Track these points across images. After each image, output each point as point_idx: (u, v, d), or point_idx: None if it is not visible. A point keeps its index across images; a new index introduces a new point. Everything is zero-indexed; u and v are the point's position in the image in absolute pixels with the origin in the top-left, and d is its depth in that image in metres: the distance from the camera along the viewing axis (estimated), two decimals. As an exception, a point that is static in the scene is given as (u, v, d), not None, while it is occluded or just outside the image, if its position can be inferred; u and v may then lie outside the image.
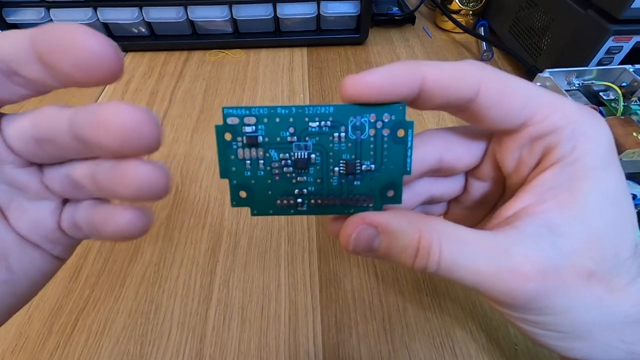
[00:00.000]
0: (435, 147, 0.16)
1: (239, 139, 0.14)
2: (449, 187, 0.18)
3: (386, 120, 0.14)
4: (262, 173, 0.15)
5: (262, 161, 0.15)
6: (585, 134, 0.13)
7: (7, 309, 0.14)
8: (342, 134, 0.14)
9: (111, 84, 0.11)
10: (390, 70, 0.13)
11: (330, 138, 0.14)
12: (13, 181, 0.13)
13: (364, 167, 0.15)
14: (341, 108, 0.14)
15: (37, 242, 0.14)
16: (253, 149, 0.15)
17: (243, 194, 0.15)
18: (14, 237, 0.14)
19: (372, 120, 0.14)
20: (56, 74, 0.11)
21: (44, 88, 0.12)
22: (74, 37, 0.10)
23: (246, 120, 0.14)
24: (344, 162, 0.15)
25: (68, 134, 0.12)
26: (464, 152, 0.16)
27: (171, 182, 0.13)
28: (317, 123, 0.14)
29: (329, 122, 0.14)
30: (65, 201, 0.15)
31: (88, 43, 0.10)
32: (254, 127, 0.14)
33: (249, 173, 0.15)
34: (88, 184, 0.13)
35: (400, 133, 0.14)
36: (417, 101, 0.14)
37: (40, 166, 0.14)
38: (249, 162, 0.15)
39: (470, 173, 0.18)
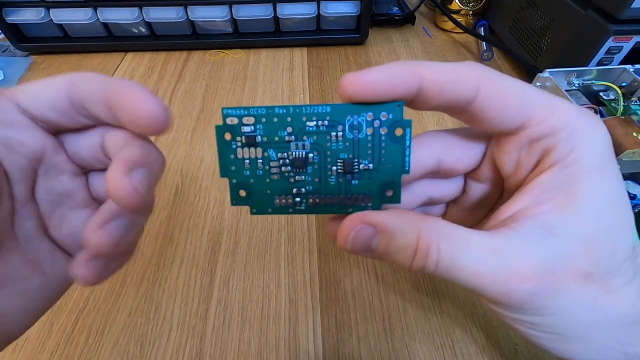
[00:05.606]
0: (434, 149, 0.16)
1: (238, 138, 0.14)
2: (448, 188, 0.18)
3: (384, 119, 0.14)
4: (261, 172, 0.15)
5: (260, 160, 0.15)
6: (583, 136, 0.13)
7: (39, 311, 0.15)
8: (340, 133, 0.14)
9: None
10: (388, 69, 0.13)
11: (328, 137, 0.14)
12: (66, 190, 0.15)
13: (362, 166, 0.15)
14: (338, 107, 0.14)
15: (70, 249, 0.16)
16: (252, 149, 0.15)
17: (242, 193, 0.15)
18: (49, 245, 0.15)
19: (369, 119, 0.14)
20: (116, 119, 0.13)
21: (101, 122, 0.14)
22: (137, 98, 0.13)
23: (245, 120, 0.14)
24: (342, 161, 0.15)
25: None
26: (463, 154, 0.16)
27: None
28: (315, 122, 0.14)
29: (326, 122, 0.14)
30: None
31: (146, 106, 0.13)
32: (252, 127, 0.14)
33: (248, 172, 0.15)
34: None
35: (398, 132, 0.14)
36: (415, 101, 0.14)
37: (86, 174, 0.16)
38: (248, 161, 0.15)
39: (469, 175, 0.18)
